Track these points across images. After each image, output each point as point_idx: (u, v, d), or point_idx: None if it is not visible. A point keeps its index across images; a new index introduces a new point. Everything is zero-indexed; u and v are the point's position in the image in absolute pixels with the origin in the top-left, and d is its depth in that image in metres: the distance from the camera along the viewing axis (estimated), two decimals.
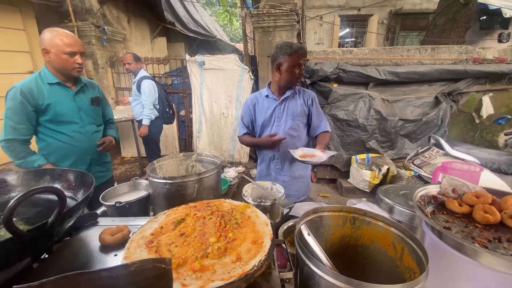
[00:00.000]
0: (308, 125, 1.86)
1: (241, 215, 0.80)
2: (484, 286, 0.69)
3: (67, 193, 0.85)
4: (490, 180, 1.87)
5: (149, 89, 3.54)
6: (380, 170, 3.66)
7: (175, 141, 5.64)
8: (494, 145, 4.08)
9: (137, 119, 3.80)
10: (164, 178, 1.07)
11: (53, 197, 0.61)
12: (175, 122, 5.44)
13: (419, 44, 6.05)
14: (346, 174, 4.09)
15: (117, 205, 1.08)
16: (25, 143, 1.51)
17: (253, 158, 5.18)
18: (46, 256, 0.75)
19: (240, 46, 13.83)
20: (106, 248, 0.76)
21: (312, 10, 7.28)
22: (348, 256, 0.89)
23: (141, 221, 0.92)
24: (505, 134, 2.98)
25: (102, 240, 0.76)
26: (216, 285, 0.54)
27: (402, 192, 1.14)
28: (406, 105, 4.00)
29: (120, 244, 0.77)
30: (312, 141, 1.98)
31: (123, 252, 0.65)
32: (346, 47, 8.06)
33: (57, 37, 1.47)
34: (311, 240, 0.76)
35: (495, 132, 4.13)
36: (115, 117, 4.02)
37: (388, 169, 3.60)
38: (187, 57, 4.95)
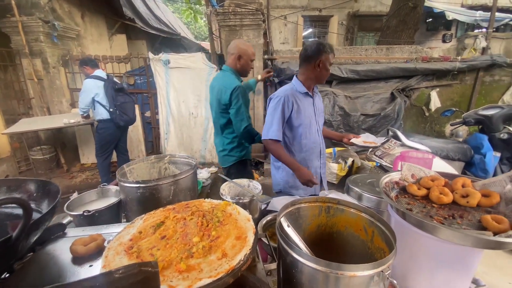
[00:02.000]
0: None
1: (223, 213, 0.80)
2: (442, 257, 0.78)
3: None
4: (440, 166, 2.11)
5: (84, 88, 3.42)
6: (346, 162, 3.88)
7: (141, 144, 5.37)
8: (441, 135, 4.57)
9: (97, 119, 3.54)
10: (137, 182, 1.02)
11: (11, 210, 0.56)
12: (139, 123, 5.19)
13: (375, 44, 6.51)
14: None
15: (85, 214, 1.01)
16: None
17: None
18: (7, 275, 0.68)
19: (205, 44, 13.55)
20: (79, 259, 0.71)
21: (276, 10, 7.42)
22: (324, 243, 0.94)
23: (115, 228, 0.88)
24: (451, 125, 3.36)
25: (74, 252, 0.71)
26: (204, 283, 0.54)
27: (369, 180, 1.24)
28: (366, 101, 4.29)
29: (94, 254, 0.72)
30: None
31: (101, 261, 0.62)
32: None
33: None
34: (290, 231, 0.79)
35: (442, 124, 4.63)
36: (71, 121, 3.76)
37: (353, 161, 3.84)
38: (151, 55, 4.73)
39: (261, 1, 4.14)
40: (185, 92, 4.92)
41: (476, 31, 5.98)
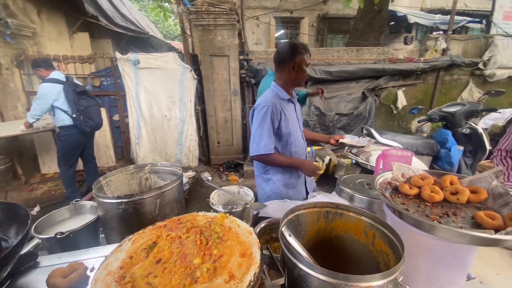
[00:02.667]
0: None
1: (221, 228, 0.74)
2: (439, 255, 0.80)
3: None
4: (414, 161, 2.22)
5: (40, 93, 3.08)
6: (323, 160, 3.97)
7: (109, 150, 5.03)
8: (408, 131, 4.88)
9: (58, 126, 3.21)
10: (119, 197, 0.92)
11: None
12: (107, 128, 4.86)
13: (344, 46, 6.77)
14: None
15: (58, 236, 0.89)
16: None
17: (202, 161, 5.01)
18: None
19: (175, 44, 13.13)
20: None
21: (248, 10, 7.39)
22: (324, 248, 0.92)
23: (96, 252, 0.78)
24: (418, 121, 3.59)
25: (53, 285, 0.60)
26: None
27: (358, 181, 1.25)
28: (339, 101, 4.43)
29: (75, 286, 0.62)
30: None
31: None
32: None
33: None
34: (293, 241, 0.76)
35: (408, 121, 4.95)
36: (30, 128, 3.38)
37: (330, 159, 3.94)
38: (118, 55, 4.44)
39: (235, 1, 4.08)
40: (157, 94, 4.69)
41: (434, 33, 6.49)
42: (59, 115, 3.15)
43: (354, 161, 3.68)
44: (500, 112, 3.07)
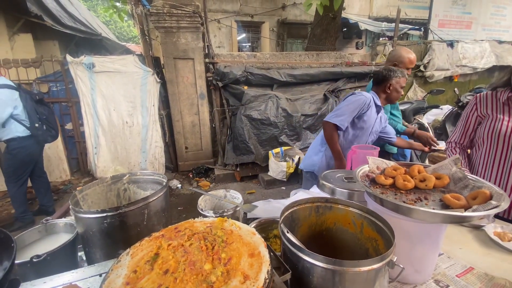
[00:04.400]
0: None
1: (223, 231, 0.74)
2: (415, 236, 0.90)
3: None
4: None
5: None
6: (293, 160, 4.13)
7: (63, 163, 4.56)
8: None
9: (7, 138, 2.82)
10: (104, 211, 0.85)
11: None
12: (59, 138, 4.39)
13: (303, 50, 7.12)
14: (265, 169, 4.39)
15: (34, 260, 0.79)
16: None
17: (170, 168, 4.81)
18: None
19: (131, 46, 12.40)
20: None
21: (209, 13, 7.33)
22: (316, 242, 0.97)
23: (85, 273, 0.71)
24: None
25: None
26: None
27: (337, 175, 1.34)
28: (304, 102, 4.64)
29: None
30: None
31: None
32: (244, 51, 8.59)
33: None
34: (291, 237, 0.79)
35: None
36: None
37: (299, 158, 4.11)
38: (69, 58, 4.07)
39: (198, 4, 4.03)
40: (116, 99, 4.39)
41: (381, 39, 7.19)
42: (11, 126, 2.77)
43: None
44: (441, 108, 3.52)
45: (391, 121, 2.46)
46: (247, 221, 1.23)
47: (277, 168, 4.14)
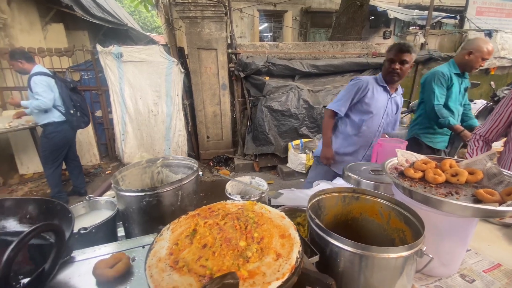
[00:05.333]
0: None
1: (254, 213, 0.78)
2: (444, 230, 0.90)
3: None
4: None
5: (41, 84, 2.87)
6: (312, 152, 4.10)
7: (93, 148, 4.84)
8: None
9: (44, 123, 3.05)
10: (143, 190, 0.93)
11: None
12: (90, 125, 4.64)
13: (327, 40, 6.92)
14: (284, 160, 4.41)
15: (82, 231, 0.88)
16: None
17: (192, 156, 4.96)
18: None
19: (154, 36, 12.66)
20: (107, 285, 0.62)
21: (232, 2, 7.30)
22: (340, 231, 0.99)
23: (128, 244, 0.79)
24: (401, 113, 3.80)
25: (102, 276, 0.61)
26: (275, 285, 0.53)
27: (363, 167, 1.33)
28: (326, 94, 4.55)
29: (122, 276, 0.64)
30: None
31: (149, 282, 0.55)
32: (265, 41, 8.49)
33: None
34: (318, 223, 0.82)
35: None
36: (8, 125, 3.18)
37: None
38: (99, 47, 4.25)
39: None
40: (142, 88, 4.56)
41: (411, 28, 6.81)
42: (48, 111, 2.99)
43: None
44: (475, 103, 3.33)
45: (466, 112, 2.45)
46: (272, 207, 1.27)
47: (297, 160, 4.14)
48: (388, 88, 1.85)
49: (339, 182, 1.56)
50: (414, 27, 7.43)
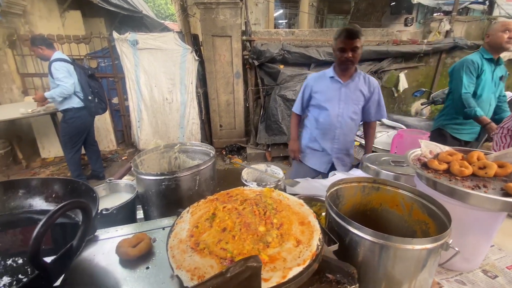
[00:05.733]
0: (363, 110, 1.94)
1: (272, 200, 0.78)
2: (468, 224, 0.86)
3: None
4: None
5: (61, 70, 2.93)
6: None
7: (110, 134, 4.97)
8: (407, 114, 4.95)
9: (64, 108, 3.14)
10: (162, 174, 0.94)
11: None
12: (107, 111, 4.76)
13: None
14: None
15: (104, 212, 0.91)
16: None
17: None
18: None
19: (168, 24, 12.62)
20: (130, 262, 0.64)
21: None
22: (358, 221, 0.97)
23: (149, 225, 0.81)
24: (422, 104, 3.65)
25: (125, 254, 0.63)
26: (296, 271, 0.52)
27: (383, 158, 1.30)
28: None
29: (144, 255, 0.66)
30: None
31: (171, 262, 0.56)
32: (280, 28, 8.29)
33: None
34: (337, 212, 0.80)
35: (408, 104, 5.01)
36: (30, 110, 3.30)
37: None
38: (115, 35, 4.28)
39: None
40: (157, 76, 4.59)
41: (435, 14, 6.43)
42: (68, 97, 3.07)
43: (355, 143, 3.76)
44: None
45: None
46: None
47: None
48: (337, 78, 1.82)
49: (355, 173, 1.53)
50: (439, 13, 7.02)
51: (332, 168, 1.99)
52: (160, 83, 4.61)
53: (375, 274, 0.68)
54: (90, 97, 3.20)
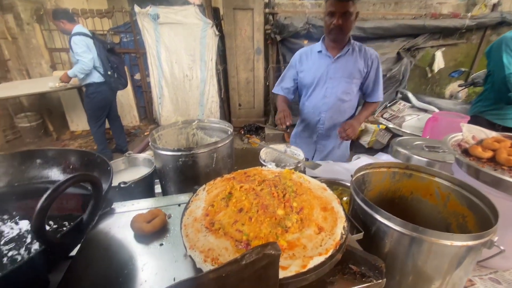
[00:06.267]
0: (361, 89, 1.63)
1: (292, 182, 0.72)
2: None
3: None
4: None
5: (80, 44, 2.92)
6: None
7: (133, 110, 5.09)
8: (441, 96, 4.57)
9: (86, 83, 3.21)
10: (179, 150, 0.91)
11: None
12: (130, 87, 4.85)
13: None
14: None
15: (122, 186, 0.91)
16: None
17: None
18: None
19: None
20: (144, 238, 0.63)
21: None
22: (384, 208, 0.90)
23: (166, 201, 0.79)
24: (459, 86, 3.33)
25: (139, 230, 0.62)
26: (317, 261, 0.48)
27: (416, 143, 1.18)
28: None
29: (158, 231, 0.64)
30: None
31: (184, 241, 0.54)
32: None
33: None
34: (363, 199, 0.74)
35: (442, 85, 4.61)
36: (57, 85, 3.41)
37: None
38: (137, 8, 4.22)
39: None
40: (178, 52, 4.53)
41: None
42: (89, 72, 3.10)
43: (381, 127, 3.57)
44: None
45: None
46: None
47: None
48: (326, 52, 1.53)
49: (382, 157, 1.43)
50: None
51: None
52: (181, 59, 4.56)
53: (403, 267, 0.63)
54: (109, 72, 3.19)
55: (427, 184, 0.82)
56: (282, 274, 0.45)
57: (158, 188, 1.16)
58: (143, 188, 1.03)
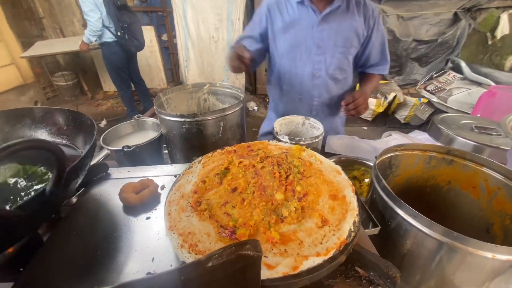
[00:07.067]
0: (356, 58, 1.20)
1: (300, 161, 0.62)
2: None
3: (59, 140, 0.62)
4: None
5: (88, 5, 2.76)
6: (386, 97, 3.50)
7: (161, 72, 5.09)
8: (500, 68, 3.90)
9: (101, 42, 3.08)
10: (182, 116, 0.84)
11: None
12: (157, 49, 4.80)
13: None
14: None
15: (125, 149, 0.88)
16: None
17: (249, 90, 4.84)
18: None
19: None
20: (132, 209, 0.59)
21: None
22: (411, 198, 0.77)
23: (163, 170, 0.74)
24: None
25: (125, 200, 0.58)
26: (314, 262, 0.39)
27: (463, 122, 0.98)
28: (421, 23, 3.56)
29: (146, 203, 0.60)
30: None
31: (164, 220, 0.48)
32: None
33: None
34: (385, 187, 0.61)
35: (504, 55, 3.89)
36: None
37: (395, 96, 3.44)
38: None
39: None
40: (204, 10, 4.29)
41: None
42: (101, 31, 2.99)
43: (422, 100, 3.18)
44: None
45: None
46: (324, 155, 1.09)
47: None
48: (309, 4, 1.05)
49: (418, 137, 1.24)
50: None
51: None
52: (207, 19, 4.33)
53: (423, 275, 0.52)
54: (119, 33, 2.98)
55: (471, 175, 0.66)
56: (267, 274, 0.37)
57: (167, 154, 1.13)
58: (150, 153, 0.99)
